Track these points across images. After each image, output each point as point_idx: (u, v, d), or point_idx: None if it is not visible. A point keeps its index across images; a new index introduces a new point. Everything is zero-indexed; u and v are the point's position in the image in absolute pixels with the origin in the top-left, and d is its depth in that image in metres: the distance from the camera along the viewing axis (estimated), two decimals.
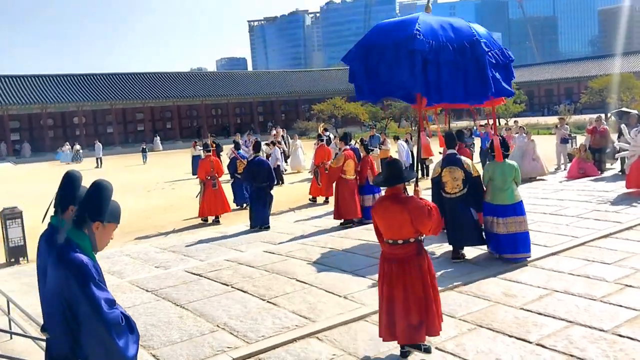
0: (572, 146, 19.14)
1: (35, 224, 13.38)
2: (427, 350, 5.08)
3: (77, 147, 42.79)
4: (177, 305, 6.91)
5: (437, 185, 8.22)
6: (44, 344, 5.27)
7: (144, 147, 38.36)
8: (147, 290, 7.62)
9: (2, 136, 47.87)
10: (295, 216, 13.16)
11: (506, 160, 7.94)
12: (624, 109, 20.38)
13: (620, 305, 5.98)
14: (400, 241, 4.86)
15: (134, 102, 53.60)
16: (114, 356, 2.65)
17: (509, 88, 5.81)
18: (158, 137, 51.38)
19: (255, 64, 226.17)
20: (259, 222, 11.46)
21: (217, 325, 6.14)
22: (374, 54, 5.30)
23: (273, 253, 9.22)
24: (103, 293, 2.68)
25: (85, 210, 2.80)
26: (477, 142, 19.15)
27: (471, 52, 5.27)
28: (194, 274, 8.29)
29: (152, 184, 22.66)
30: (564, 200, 12.11)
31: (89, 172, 31.61)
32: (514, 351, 5.09)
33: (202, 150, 15.47)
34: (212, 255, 9.44)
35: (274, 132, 27.13)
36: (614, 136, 16.86)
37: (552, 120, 45.84)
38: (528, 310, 6.03)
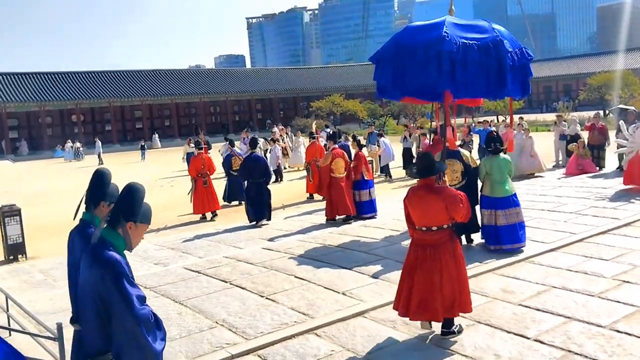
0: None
1: (32, 222, 13.45)
2: (460, 331, 5.42)
3: (78, 144, 42.67)
4: (176, 302, 6.92)
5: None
6: (43, 340, 5.29)
7: (143, 144, 38.47)
8: (145, 287, 7.61)
9: (0, 134, 47.79)
10: (289, 212, 13.16)
11: (500, 154, 8.19)
12: (622, 105, 20.38)
13: (618, 301, 5.99)
14: (434, 227, 5.19)
15: (132, 99, 53.54)
16: (144, 350, 2.76)
17: (523, 89, 5.94)
18: (157, 135, 51.37)
19: (254, 61, 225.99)
20: (258, 216, 11.51)
21: (216, 322, 6.15)
22: (404, 54, 5.60)
23: (272, 250, 9.23)
24: (135, 290, 2.82)
25: (119, 211, 2.94)
26: (476, 138, 19.13)
27: (495, 52, 5.52)
28: (193, 270, 8.29)
29: (152, 181, 22.65)
30: (562, 197, 12.13)
31: (90, 170, 31.73)
32: (512, 347, 5.11)
33: (194, 148, 15.50)
34: (210, 252, 9.45)
35: (275, 129, 27.13)
36: (612, 133, 16.89)
37: (551, 117, 45.86)
38: (526, 307, 6.04)
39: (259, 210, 11.52)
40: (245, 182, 12.01)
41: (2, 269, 9.57)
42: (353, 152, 12.11)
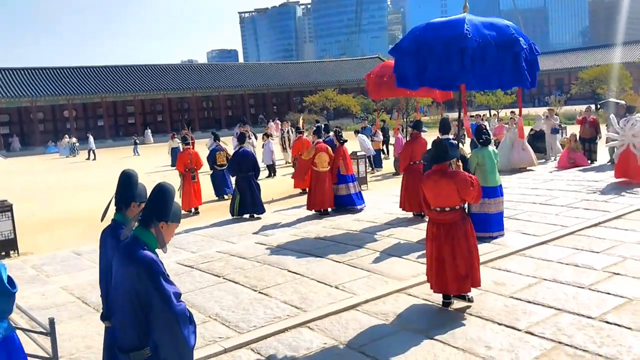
0: (562, 136, 19.25)
1: (25, 217, 13.37)
2: (471, 300, 5.97)
3: (74, 140, 42.30)
4: None
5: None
6: (35, 336, 5.28)
7: (136, 140, 38.49)
8: None
9: None
10: (282, 206, 13.16)
11: (489, 146, 8.70)
12: (611, 99, 20.48)
13: (608, 293, 6.05)
14: (447, 208, 5.74)
15: (125, 95, 53.22)
16: (179, 345, 2.87)
17: (532, 81, 6.43)
18: (149, 130, 51.15)
19: (247, 55, 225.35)
20: (249, 210, 11.63)
21: (209, 316, 6.17)
22: (425, 49, 6.02)
23: (264, 244, 9.24)
24: (172, 287, 2.91)
25: (151, 211, 3.03)
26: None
27: (511, 49, 6.00)
28: (186, 265, 8.30)
29: (144, 175, 22.58)
30: (553, 190, 12.20)
31: (83, 165, 31.65)
32: (503, 338, 5.15)
33: (180, 143, 15.54)
34: (204, 247, 9.45)
35: (270, 123, 27.03)
36: (603, 126, 17.00)
37: (543, 111, 46.05)
38: (517, 299, 6.09)
39: (251, 204, 11.60)
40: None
41: None
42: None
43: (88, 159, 35.59)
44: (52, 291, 7.62)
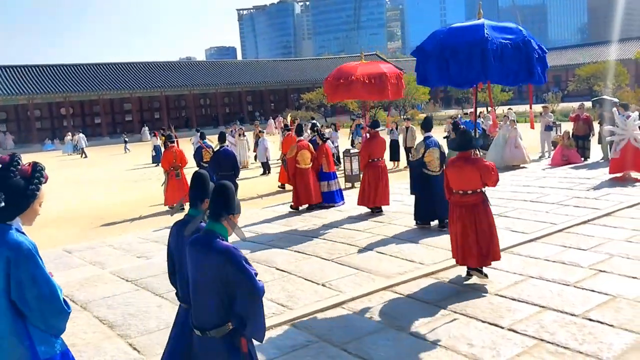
0: (556, 133, 19.28)
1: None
2: (486, 276, 6.63)
3: (77, 137, 41.98)
4: (156, 294, 6.94)
5: (421, 165, 9.27)
6: None
7: (125, 138, 39.32)
8: (127, 280, 7.65)
9: None
10: (273, 203, 13.19)
11: None
12: (605, 97, 20.49)
13: (593, 290, 6.07)
14: (469, 191, 6.46)
15: (122, 92, 53.15)
16: (261, 318, 3.34)
17: (544, 77, 7.13)
18: (146, 128, 51.11)
19: (245, 52, 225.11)
20: None
21: None
22: (448, 51, 6.67)
23: (253, 242, 9.26)
24: (251, 268, 3.27)
25: (221, 207, 3.40)
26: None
27: (525, 49, 6.69)
28: None
29: (124, 171, 22.60)
30: (545, 188, 12.22)
31: (75, 163, 31.68)
32: (486, 336, 5.17)
33: (160, 142, 15.71)
34: None
35: (270, 121, 27.00)
36: (596, 123, 17.04)
37: (541, 108, 46.08)
38: (502, 296, 6.11)
39: None
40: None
41: None
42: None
43: (81, 156, 36.29)
44: None
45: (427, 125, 9.56)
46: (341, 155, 17.82)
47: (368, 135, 11.01)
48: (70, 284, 7.72)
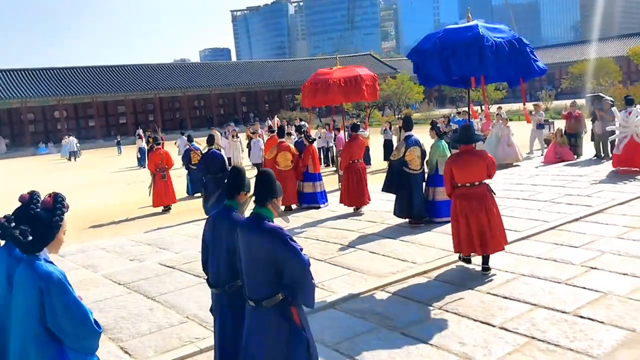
0: (548, 131, 19.32)
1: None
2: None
3: (76, 141, 41.54)
4: (148, 297, 6.92)
5: (402, 163, 9.47)
6: None
7: (118, 139, 39.35)
8: (119, 284, 7.62)
9: None
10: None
11: (443, 139, 9.58)
12: (600, 94, 20.55)
13: (584, 287, 6.09)
14: (476, 183, 6.82)
15: (116, 95, 53.05)
16: (309, 288, 3.67)
17: (541, 71, 7.43)
18: (140, 130, 50.93)
19: (239, 54, 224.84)
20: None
21: (187, 317, 6.17)
22: (448, 50, 7.00)
23: None
24: (297, 244, 3.64)
25: (265, 192, 3.82)
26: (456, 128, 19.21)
27: (518, 47, 7.05)
28: (168, 266, 8.29)
29: (109, 174, 22.55)
30: (537, 186, 12.25)
31: (66, 165, 31.59)
32: (477, 334, 5.18)
33: (145, 143, 15.99)
34: (187, 248, 9.43)
35: (268, 122, 26.99)
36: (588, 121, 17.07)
37: (531, 106, 46.18)
38: (494, 294, 6.12)
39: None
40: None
41: None
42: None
43: (69, 159, 36.62)
44: None
45: (407, 124, 9.76)
46: (335, 156, 17.84)
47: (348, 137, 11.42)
48: None
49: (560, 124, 18.61)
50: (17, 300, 2.96)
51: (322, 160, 20.85)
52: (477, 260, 7.15)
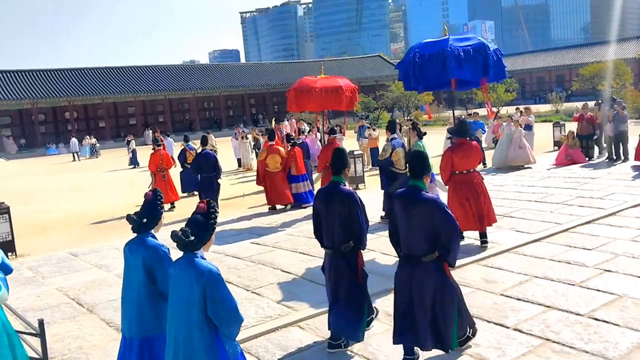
0: (560, 133, 19.23)
1: (20, 220, 13.38)
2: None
3: (93, 140, 41.41)
4: None
5: (389, 164, 10.04)
6: (27, 337, 5.33)
7: (129, 139, 39.48)
8: None
9: None
10: (251, 202, 13.26)
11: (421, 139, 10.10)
12: (613, 96, 20.45)
13: (598, 290, 6.07)
14: (472, 170, 8.06)
15: (126, 96, 53.24)
16: (457, 249, 4.60)
17: (502, 75, 8.62)
18: (151, 131, 51.19)
19: (248, 55, 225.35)
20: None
21: None
22: (424, 59, 8.19)
23: (259, 244, 9.28)
24: (451, 212, 4.53)
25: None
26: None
27: (482, 52, 8.07)
28: None
29: (102, 173, 22.66)
30: (549, 188, 12.20)
31: (73, 167, 31.79)
32: (490, 336, 5.17)
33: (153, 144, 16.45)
34: None
35: (286, 122, 27.04)
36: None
37: (544, 108, 45.94)
38: (507, 296, 6.11)
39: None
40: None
41: None
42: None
43: (74, 160, 37.00)
44: (46, 292, 7.67)
45: (391, 127, 10.39)
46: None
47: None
48: (76, 286, 7.76)
49: (571, 126, 18.51)
50: (178, 292, 3.41)
51: None
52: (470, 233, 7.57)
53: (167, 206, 14.05)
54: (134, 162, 28.52)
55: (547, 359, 4.69)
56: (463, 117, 21.98)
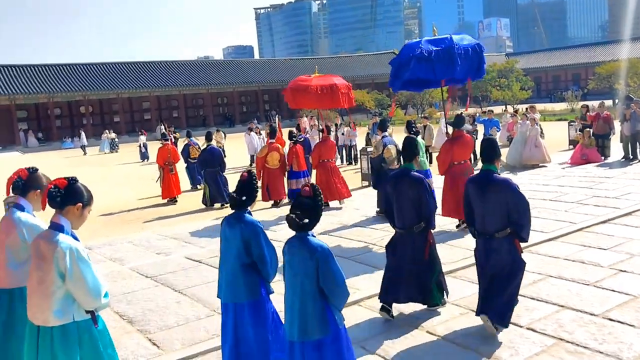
0: (575, 132, 19.06)
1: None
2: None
3: (113, 135, 41.41)
4: (175, 290, 7.02)
5: (381, 161, 10.43)
6: None
7: (140, 134, 39.77)
8: (146, 277, 7.73)
9: (10, 126, 48.02)
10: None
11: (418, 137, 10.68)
12: (630, 94, 20.20)
13: (613, 290, 6.02)
14: (467, 160, 9.06)
15: (140, 91, 53.57)
16: (529, 226, 5.16)
17: (478, 74, 9.19)
18: (163, 126, 51.39)
19: (262, 51, 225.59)
20: (219, 200, 13.31)
21: (214, 310, 6.23)
22: (403, 61, 8.83)
23: (272, 240, 9.25)
24: (523, 193, 5.12)
25: (493, 154, 5.23)
26: (480, 128, 19.05)
27: (449, 52, 8.53)
28: (194, 260, 8.39)
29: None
30: (564, 187, 12.10)
31: (73, 160, 32.05)
32: (503, 335, 5.15)
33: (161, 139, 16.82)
34: (212, 242, 9.51)
35: (304, 118, 27.02)
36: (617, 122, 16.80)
37: (560, 106, 45.59)
38: (521, 295, 5.99)
39: (220, 195, 13.21)
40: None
41: None
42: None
43: (85, 154, 37.39)
44: None
45: (382, 125, 10.88)
46: (358, 154, 17.83)
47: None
48: None
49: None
50: (294, 267, 3.78)
51: (345, 158, 20.88)
52: None
53: (169, 199, 14.70)
54: (144, 156, 28.90)
55: (560, 359, 4.66)
56: (478, 115, 21.88)
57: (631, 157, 15.37)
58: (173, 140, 17.80)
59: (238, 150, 25.50)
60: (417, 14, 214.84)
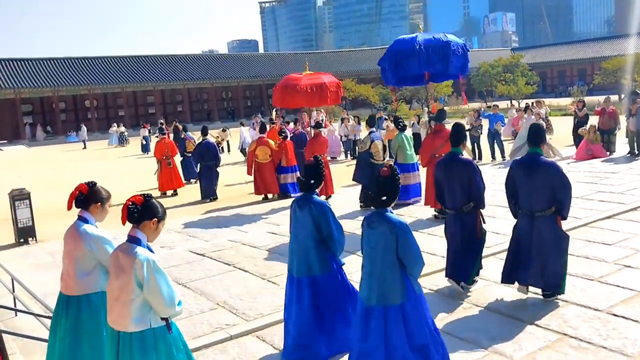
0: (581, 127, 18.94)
1: (41, 206, 13.52)
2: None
3: (122, 129, 41.30)
4: (179, 284, 7.03)
5: (368, 155, 10.79)
6: (46, 321, 5.42)
7: (149, 129, 39.61)
8: None
9: (15, 120, 48.15)
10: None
11: (405, 131, 11.34)
12: (637, 89, 20.08)
13: (617, 285, 6.00)
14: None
15: (145, 85, 53.59)
16: (570, 204, 5.71)
17: (463, 71, 9.44)
18: (163, 120, 51.34)
19: (267, 45, 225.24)
20: (209, 194, 13.53)
21: (217, 304, 6.25)
22: (394, 56, 9.05)
23: (276, 234, 9.31)
24: (566, 174, 5.66)
25: (539, 138, 5.65)
26: (485, 123, 18.96)
27: (444, 49, 8.91)
28: (198, 254, 8.40)
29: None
30: None
31: (74, 153, 32.11)
32: (507, 330, 5.14)
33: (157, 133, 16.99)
34: (216, 236, 9.54)
35: (314, 113, 27.01)
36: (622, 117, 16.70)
37: (565, 101, 45.37)
38: None
39: (209, 189, 13.53)
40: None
41: (12, 252, 9.75)
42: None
43: (84, 148, 37.39)
44: None
45: (371, 121, 11.33)
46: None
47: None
48: None
49: (593, 120, 18.23)
50: (373, 240, 4.09)
51: (350, 152, 20.85)
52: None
53: (170, 192, 14.97)
54: (146, 148, 29.23)
55: (564, 354, 4.65)
56: (483, 109, 21.81)
57: (636, 152, 15.27)
58: (183, 131, 17.90)
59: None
60: (422, 8, 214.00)
